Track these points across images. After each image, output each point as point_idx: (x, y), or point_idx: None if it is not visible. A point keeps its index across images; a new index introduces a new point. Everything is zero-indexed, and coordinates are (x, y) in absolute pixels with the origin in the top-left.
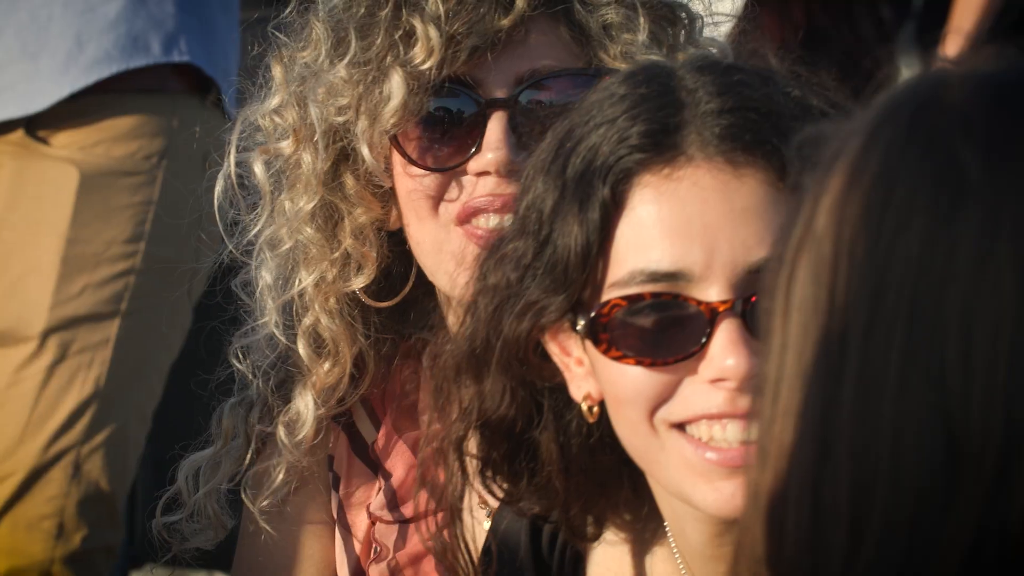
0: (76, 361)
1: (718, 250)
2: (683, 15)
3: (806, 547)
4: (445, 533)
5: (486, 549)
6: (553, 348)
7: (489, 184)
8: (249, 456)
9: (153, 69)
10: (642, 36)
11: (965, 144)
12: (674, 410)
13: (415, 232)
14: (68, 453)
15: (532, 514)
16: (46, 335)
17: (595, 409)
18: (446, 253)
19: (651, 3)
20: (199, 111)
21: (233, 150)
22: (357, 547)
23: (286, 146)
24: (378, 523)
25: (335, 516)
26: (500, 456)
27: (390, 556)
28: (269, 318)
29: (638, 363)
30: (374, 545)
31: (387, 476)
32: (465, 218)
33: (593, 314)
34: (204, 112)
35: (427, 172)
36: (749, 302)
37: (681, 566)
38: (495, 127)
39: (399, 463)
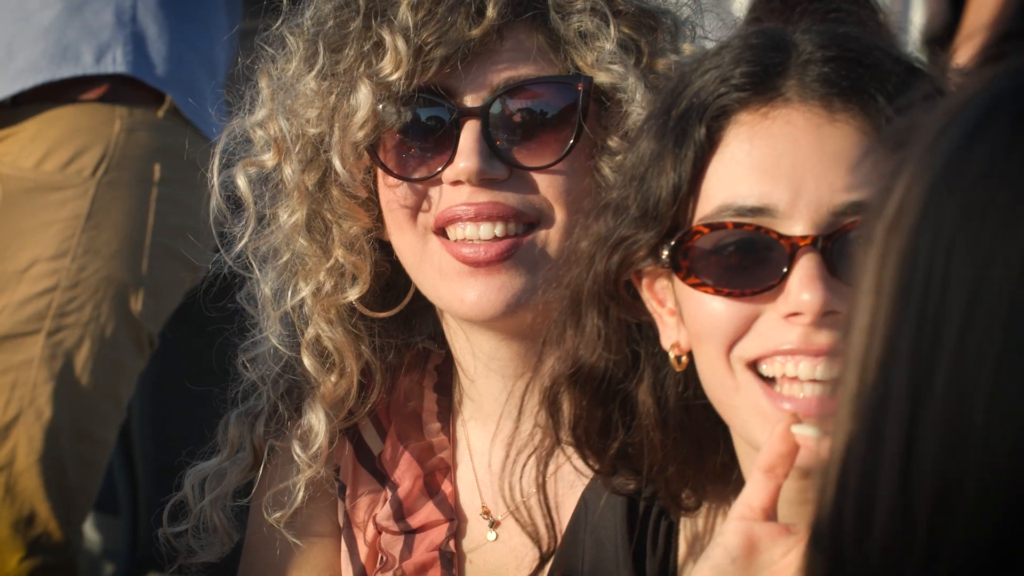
0: None
1: (804, 189)
2: (668, 21)
3: (887, 544)
4: (531, 495)
5: (575, 518)
6: (647, 295)
7: (463, 193)
8: (254, 467)
9: (95, 77)
10: (611, 45)
11: None
12: (749, 346)
13: (397, 243)
14: None
15: (627, 491)
16: None
17: (683, 359)
18: (426, 264)
19: (629, 11)
20: (151, 120)
21: (217, 162)
22: (363, 556)
23: (268, 158)
24: (384, 533)
25: (341, 525)
26: (594, 408)
27: (396, 566)
28: (271, 330)
29: (716, 292)
30: (380, 555)
31: (393, 486)
32: (441, 227)
33: (674, 241)
34: (158, 121)
35: (403, 182)
36: (830, 240)
37: None
38: (468, 136)
39: (405, 473)
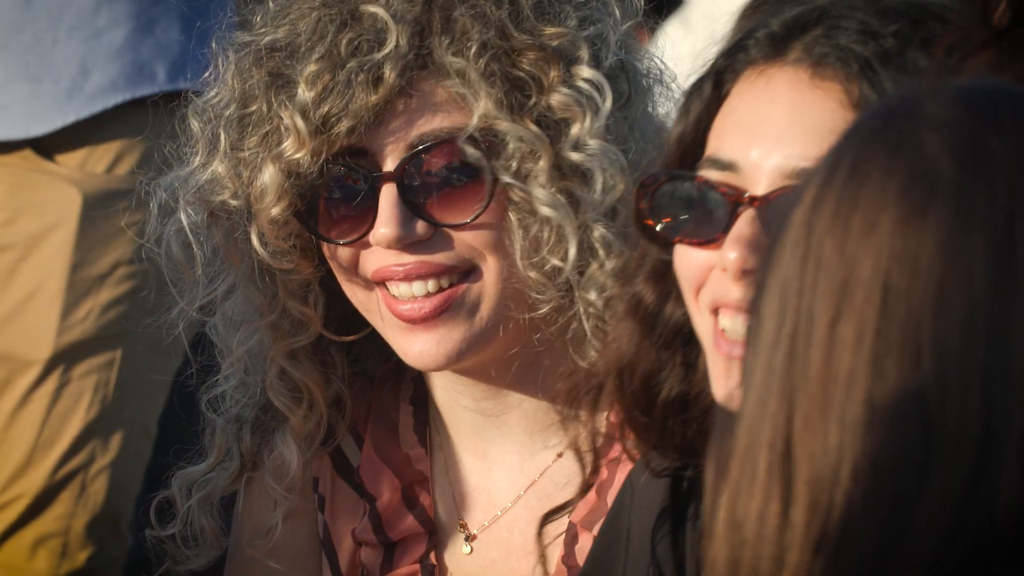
0: (82, 384)
1: (766, 148)
2: (566, 46)
3: (776, 533)
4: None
5: (619, 496)
6: None
7: (392, 255)
8: (241, 475)
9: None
10: (498, 93)
11: (934, 142)
12: (705, 296)
13: (346, 292)
14: (76, 475)
15: (665, 471)
16: (53, 360)
17: None
18: (372, 314)
19: (523, 46)
20: None
21: (155, 210)
22: (343, 569)
23: (202, 220)
24: (364, 546)
25: (320, 539)
26: (648, 346)
27: None
28: (234, 369)
29: (667, 237)
30: (360, 568)
31: (371, 499)
32: (379, 282)
33: (640, 185)
34: None
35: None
36: (766, 201)
37: None
38: (385, 202)
39: (383, 486)
